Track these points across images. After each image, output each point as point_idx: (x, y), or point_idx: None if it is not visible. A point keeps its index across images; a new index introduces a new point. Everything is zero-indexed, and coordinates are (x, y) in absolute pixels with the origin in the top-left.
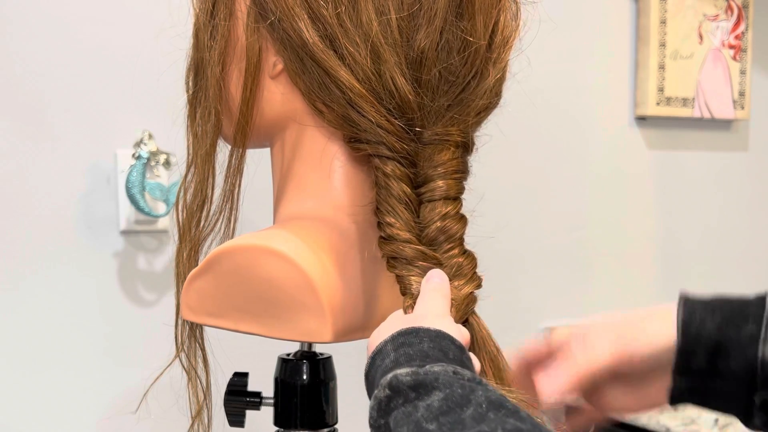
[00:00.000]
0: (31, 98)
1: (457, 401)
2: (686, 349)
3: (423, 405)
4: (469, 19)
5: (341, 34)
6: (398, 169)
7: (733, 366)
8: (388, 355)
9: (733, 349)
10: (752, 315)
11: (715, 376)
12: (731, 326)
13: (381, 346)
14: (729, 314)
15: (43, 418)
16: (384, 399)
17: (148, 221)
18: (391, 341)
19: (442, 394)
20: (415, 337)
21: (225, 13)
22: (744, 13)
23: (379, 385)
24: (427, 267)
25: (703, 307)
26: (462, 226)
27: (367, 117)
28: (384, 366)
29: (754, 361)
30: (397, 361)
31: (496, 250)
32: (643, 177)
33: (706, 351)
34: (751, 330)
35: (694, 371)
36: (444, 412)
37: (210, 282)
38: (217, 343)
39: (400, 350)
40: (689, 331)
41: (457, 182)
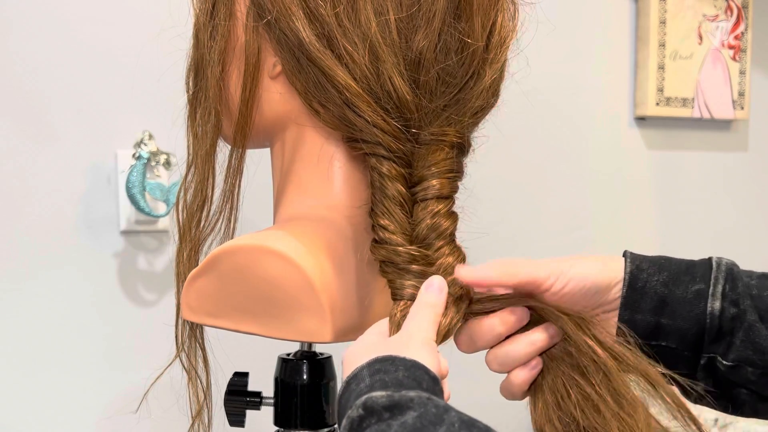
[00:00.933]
0: (32, 98)
1: (430, 419)
2: (630, 303)
3: (396, 423)
4: (467, 20)
5: (339, 34)
6: (394, 169)
7: (680, 324)
8: (363, 380)
9: (680, 306)
10: (699, 274)
11: (659, 334)
12: (679, 284)
13: (357, 371)
14: (676, 272)
15: (43, 418)
16: (357, 418)
17: (148, 221)
18: (368, 367)
19: (416, 413)
20: (391, 365)
21: (225, 14)
22: (743, 14)
23: (353, 406)
24: (419, 271)
25: (650, 263)
26: (452, 222)
27: (364, 117)
28: (358, 390)
29: (702, 318)
30: (372, 387)
31: (496, 250)
32: (643, 177)
33: (653, 307)
34: (698, 288)
35: (639, 326)
36: (417, 429)
37: (210, 282)
38: (217, 343)
39: (375, 376)
40: (635, 285)
41: (451, 181)
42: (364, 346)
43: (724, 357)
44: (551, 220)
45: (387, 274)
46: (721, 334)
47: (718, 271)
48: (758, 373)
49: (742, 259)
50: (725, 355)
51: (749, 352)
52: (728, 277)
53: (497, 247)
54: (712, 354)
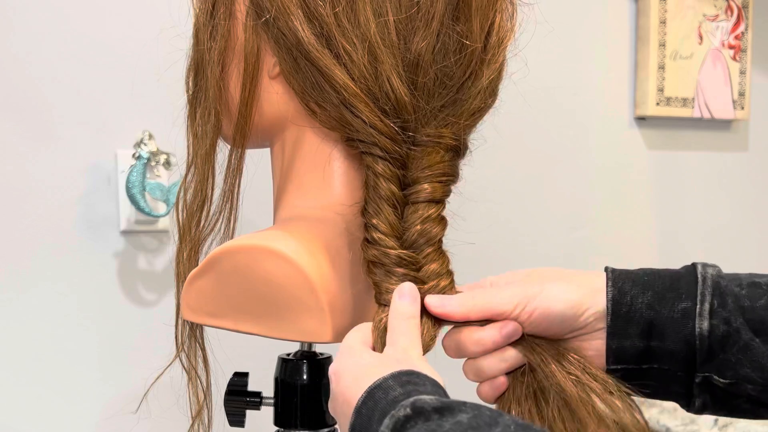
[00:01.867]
0: (32, 98)
1: (485, 420)
2: (618, 331)
3: (449, 423)
4: (465, 22)
5: (338, 33)
6: (389, 169)
7: (670, 346)
8: (393, 389)
9: (668, 328)
10: (685, 290)
11: (650, 357)
12: (664, 302)
13: (381, 381)
14: (661, 290)
15: (43, 418)
16: (402, 418)
17: (148, 221)
18: (394, 378)
19: (469, 415)
20: (418, 378)
21: (225, 14)
22: (744, 14)
23: (399, 406)
24: (405, 276)
25: (633, 283)
26: (442, 228)
27: (361, 117)
28: (391, 397)
29: (691, 339)
30: (409, 394)
31: (495, 250)
32: (643, 177)
33: (640, 331)
34: (685, 306)
35: (629, 352)
36: (473, 427)
37: (210, 282)
38: (217, 343)
39: (407, 387)
40: (620, 312)
41: (443, 185)
42: (363, 363)
43: (720, 375)
44: (551, 220)
45: (373, 276)
46: (712, 354)
47: (704, 286)
48: (759, 389)
49: (742, 259)
50: (721, 373)
51: (747, 370)
52: (715, 292)
53: (497, 247)
54: (707, 373)
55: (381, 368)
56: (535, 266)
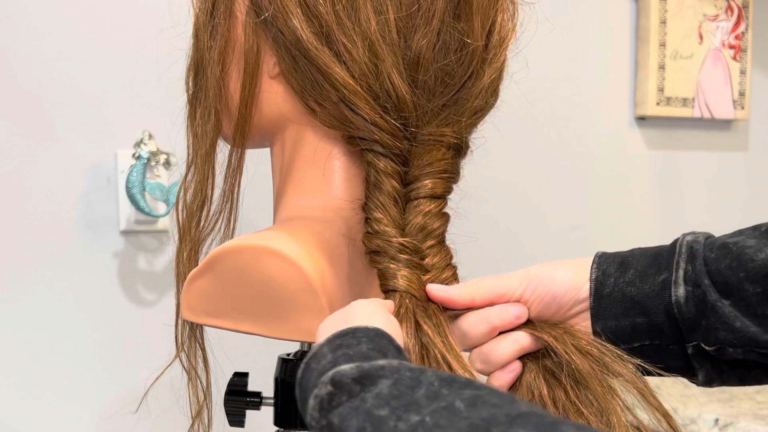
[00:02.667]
0: (32, 98)
1: (407, 384)
2: (600, 312)
3: (371, 395)
4: (466, 20)
5: (338, 31)
6: (390, 166)
7: (654, 319)
8: (325, 356)
9: (650, 301)
10: (665, 263)
11: (639, 335)
12: (646, 278)
13: (316, 349)
14: (643, 267)
15: (43, 418)
16: (326, 396)
17: (148, 221)
18: (327, 344)
19: (390, 381)
20: (352, 338)
21: (225, 13)
22: (744, 13)
23: (319, 383)
24: (410, 261)
25: (617, 266)
26: (443, 223)
27: (361, 115)
28: (320, 368)
29: (671, 308)
30: (336, 362)
31: (495, 249)
32: (643, 177)
33: (623, 310)
34: (664, 277)
35: (615, 333)
36: (395, 396)
37: (210, 282)
38: (217, 343)
39: (338, 352)
40: (602, 293)
41: (445, 182)
42: (327, 322)
43: (705, 343)
44: (551, 219)
45: (377, 264)
46: (693, 321)
47: (679, 254)
48: (741, 351)
49: None
50: (706, 340)
51: (723, 333)
52: (689, 257)
53: (498, 246)
54: (695, 342)
55: (327, 327)
56: None
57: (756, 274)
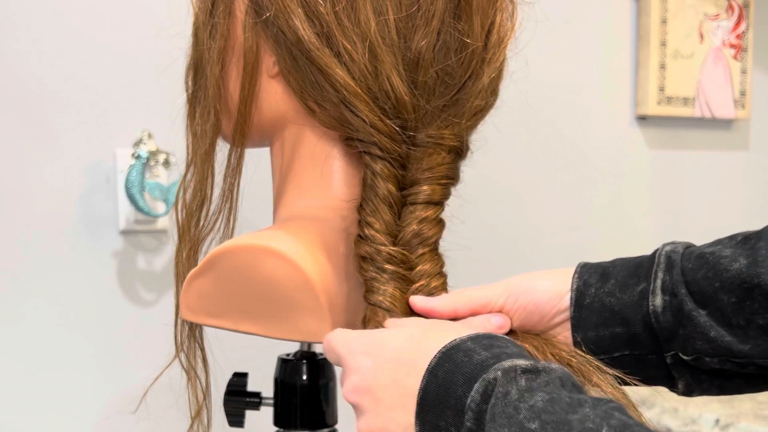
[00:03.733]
0: (31, 98)
1: (563, 406)
2: (580, 322)
3: (525, 406)
4: (466, 20)
5: (338, 32)
6: (387, 169)
7: (633, 329)
8: (477, 352)
9: (629, 311)
10: (644, 273)
11: (618, 345)
12: (626, 288)
13: (457, 342)
14: (624, 277)
15: (43, 418)
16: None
17: (147, 221)
18: (472, 340)
19: (547, 396)
20: (498, 340)
21: (224, 12)
22: (745, 13)
23: (492, 369)
24: (395, 273)
25: (598, 276)
26: (438, 230)
27: (361, 116)
28: (476, 361)
29: (648, 318)
30: (499, 357)
31: (495, 249)
32: (644, 177)
33: (603, 320)
34: (642, 287)
35: (595, 343)
36: (548, 412)
37: (209, 282)
38: (217, 343)
39: (493, 349)
40: (582, 303)
41: (443, 188)
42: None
43: (683, 353)
44: (552, 219)
45: (364, 272)
46: (671, 331)
47: (658, 264)
48: (717, 361)
49: None
50: (683, 350)
51: (699, 342)
52: (667, 267)
53: (498, 246)
54: (673, 351)
55: (448, 332)
56: (535, 266)
57: (730, 284)
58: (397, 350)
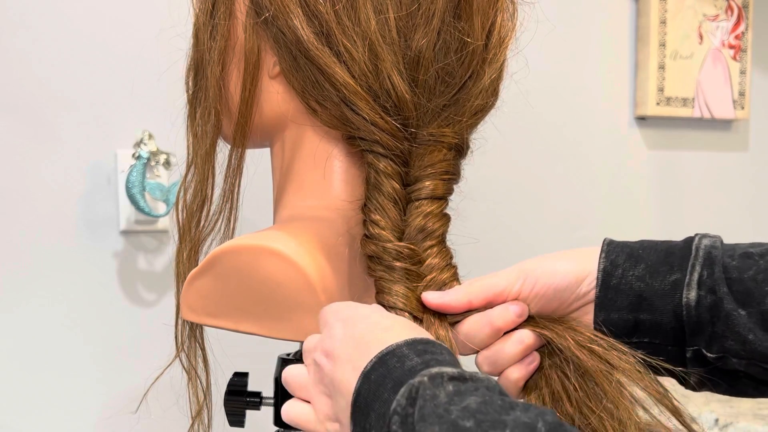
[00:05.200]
0: (32, 98)
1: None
2: (605, 303)
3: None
4: (466, 20)
5: (338, 31)
6: (390, 166)
7: (659, 318)
8: (409, 358)
9: (658, 300)
10: (677, 263)
11: (639, 331)
12: (656, 275)
13: (393, 347)
14: (654, 263)
15: (43, 418)
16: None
17: (148, 221)
18: (407, 345)
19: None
20: (433, 347)
21: (224, 13)
22: (744, 13)
23: (418, 375)
24: (405, 271)
25: (627, 256)
26: (444, 224)
27: (362, 115)
28: (407, 367)
29: (679, 310)
30: (428, 364)
31: (495, 250)
32: (643, 177)
33: (629, 303)
34: (675, 278)
35: (617, 325)
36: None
37: (210, 282)
38: (217, 343)
39: (425, 356)
40: (609, 283)
41: (446, 183)
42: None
43: (708, 349)
44: (551, 219)
45: (374, 272)
46: (700, 326)
47: (695, 257)
48: (744, 363)
49: None
50: (709, 346)
51: (731, 342)
52: (706, 262)
53: (497, 246)
54: (696, 347)
55: (397, 329)
56: None
57: None
58: (360, 332)
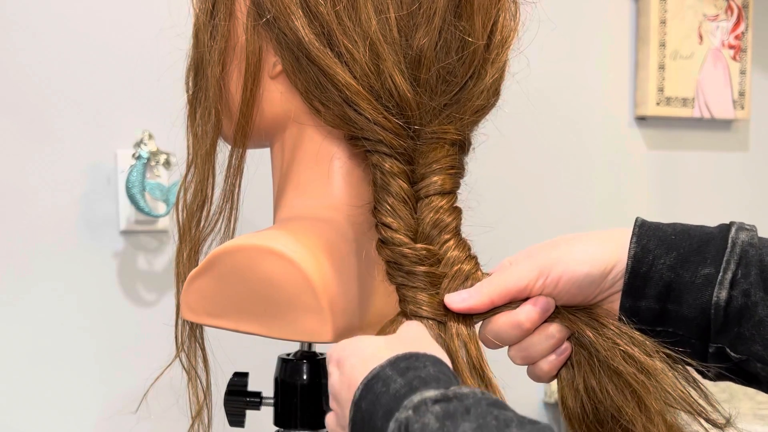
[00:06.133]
0: (32, 98)
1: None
2: (634, 290)
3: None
4: (467, 19)
5: (339, 32)
6: (396, 166)
7: (686, 311)
8: (393, 380)
9: (687, 293)
10: (711, 255)
11: (665, 320)
12: (688, 266)
13: (377, 371)
14: (687, 252)
15: (43, 418)
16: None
17: (148, 221)
18: (390, 366)
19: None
20: (417, 360)
21: (225, 14)
22: (744, 13)
23: (402, 408)
24: (427, 274)
25: (659, 242)
26: (456, 217)
27: (365, 115)
28: (393, 391)
29: (707, 308)
30: (411, 385)
31: (495, 250)
32: (643, 177)
33: (657, 293)
34: (708, 272)
35: (643, 313)
36: None
37: (210, 282)
38: (217, 343)
39: (408, 374)
40: (639, 270)
41: (453, 177)
42: (363, 346)
43: (732, 349)
44: (551, 219)
45: (394, 279)
46: (727, 326)
47: (731, 252)
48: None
49: None
50: (733, 347)
51: (758, 347)
52: (741, 261)
53: (497, 247)
54: (720, 344)
55: (381, 352)
56: None
57: None
58: (349, 370)
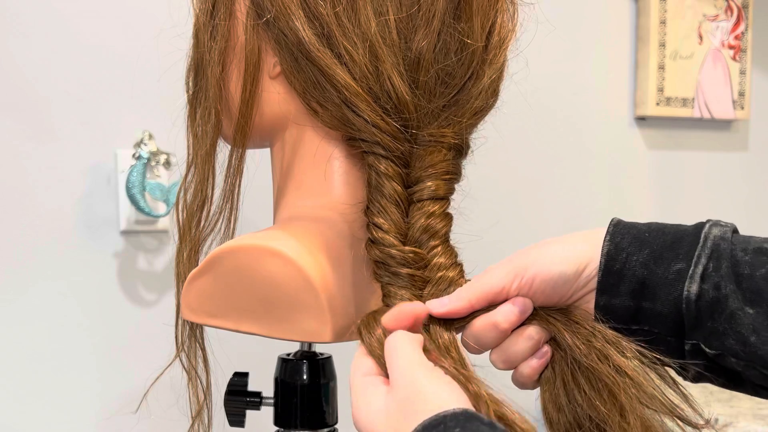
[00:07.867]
0: (32, 98)
1: None
2: (607, 288)
3: None
4: (466, 21)
5: (339, 33)
6: (392, 168)
7: (660, 308)
8: None
9: (660, 289)
10: (684, 251)
11: (640, 318)
12: (661, 262)
13: None
14: (660, 248)
15: (43, 418)
16: None
17: (148, 221)
18: None
19: None
20: (444, 429)
21: (225, 14)
22: (744, 14)
23: None
24: (410, 276)
25: (632, 239)
26: (447, 223)
27: (363, 116)
28: None
29: (679, 303)
30: None
31: (495, 250)
32: (643, 177)
33: (631, 290)
34: (679, 267)
35: (618, 311)
36: None
37: (210, 282)
38: (217, 343)
39: None
40: (612, 268)
41: (447, 183)
42: (382, 415)
43: (707, 345)
44: (551, 220)
45: (380, 278)
46: (700, 321)
47: (702, 247)
48: (743, 364)
49: None
50: (708, 342)
51: (731, 341)
52: (713, 255)
53: (497, 247)
54: (695, 341)
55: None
56: None
57: None
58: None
